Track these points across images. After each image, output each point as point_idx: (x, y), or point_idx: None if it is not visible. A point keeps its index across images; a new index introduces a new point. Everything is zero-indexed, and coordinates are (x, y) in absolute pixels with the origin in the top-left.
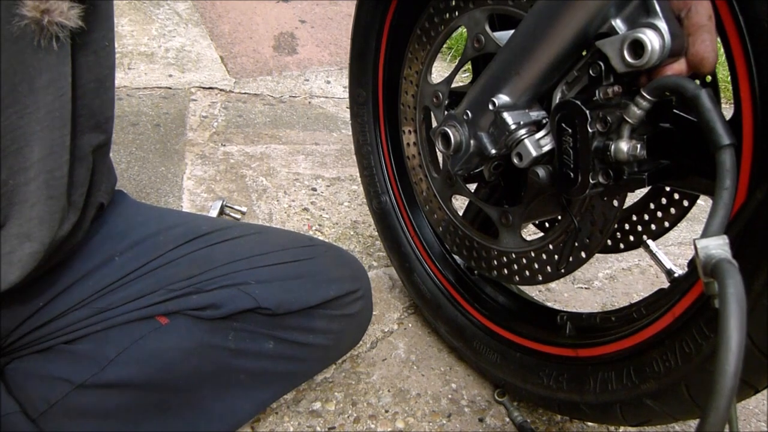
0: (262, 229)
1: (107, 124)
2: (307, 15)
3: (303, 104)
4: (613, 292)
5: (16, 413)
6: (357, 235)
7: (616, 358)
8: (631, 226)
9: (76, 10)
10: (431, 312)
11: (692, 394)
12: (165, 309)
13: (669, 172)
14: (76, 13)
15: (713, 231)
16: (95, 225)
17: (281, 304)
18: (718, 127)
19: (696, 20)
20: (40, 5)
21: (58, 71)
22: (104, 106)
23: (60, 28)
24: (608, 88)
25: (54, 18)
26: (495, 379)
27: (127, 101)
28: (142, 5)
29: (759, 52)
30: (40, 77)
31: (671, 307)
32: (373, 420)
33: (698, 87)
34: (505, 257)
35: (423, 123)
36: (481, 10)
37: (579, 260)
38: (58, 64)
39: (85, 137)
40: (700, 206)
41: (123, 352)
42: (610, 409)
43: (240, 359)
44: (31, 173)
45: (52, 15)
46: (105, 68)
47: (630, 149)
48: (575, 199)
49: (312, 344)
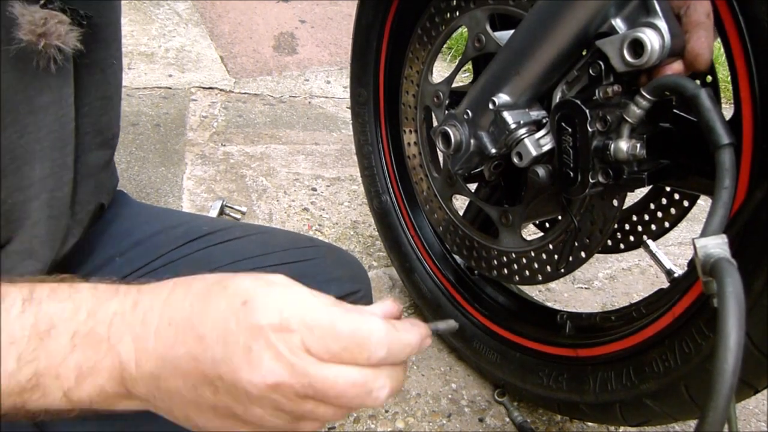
0: (262, 229)
1: (114, 140)
2: (307, 15)
3: (303, 104)
4: (613, 292)
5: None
6: (357, 235)
7: (616, 358)
8: (631, 226)
9: (75, 33)
10: (431, 312)
11: (692, 394)
12: None
13: (669, 171)
14: (75, 36)
15: (712, 230)
16: (96, 225)
17: None
18: (718, 127)
19: (694, 18)
20: (36, 29)
21: (59, 92)
22: (111, 123)
23: (57, 51)
24: (608, 88)
25: (51, 41)
26: (495, 379)
27: (127, 101)
28: (142, 5)
29: (759, 52)
30: (39, 98)
31: (671, 307)
32: (373, 420)
33: (698, 86)
34: (505, 257)
35: (424, 122)
36: (482, 10)
37: (579, 260)
38: (59, 85)
39: (92, 155)
40: (700, 206)
41: None
42: (609, 409)
43: None
44: (31, 192)
45: (49, 38)
46: (112, 86)
47: (630, 149)
48: (575, 199)
49: None
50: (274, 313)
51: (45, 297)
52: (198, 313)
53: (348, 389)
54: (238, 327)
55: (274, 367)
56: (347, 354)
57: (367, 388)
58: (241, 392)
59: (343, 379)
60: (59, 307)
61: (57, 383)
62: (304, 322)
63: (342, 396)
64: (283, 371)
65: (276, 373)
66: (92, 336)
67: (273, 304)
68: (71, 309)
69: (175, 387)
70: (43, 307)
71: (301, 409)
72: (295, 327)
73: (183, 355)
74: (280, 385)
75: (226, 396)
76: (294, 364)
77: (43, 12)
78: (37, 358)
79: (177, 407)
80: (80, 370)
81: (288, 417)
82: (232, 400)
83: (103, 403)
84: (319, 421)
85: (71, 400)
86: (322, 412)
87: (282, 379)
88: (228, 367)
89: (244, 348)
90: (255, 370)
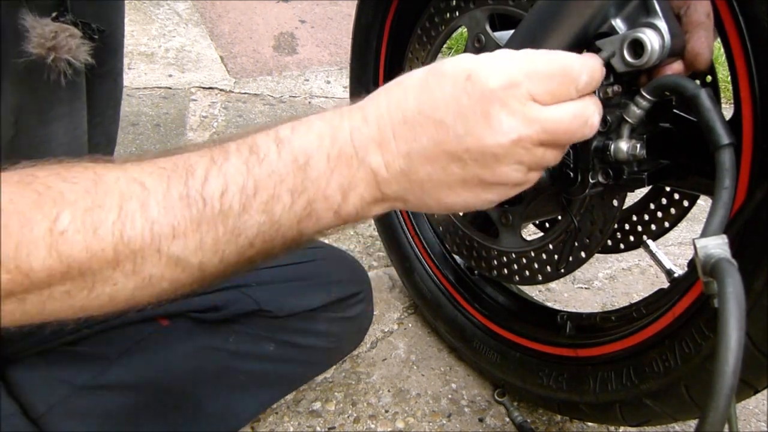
0: None
1: (113, 144)
2: (307, 15)
3: (303, 104)
4: (613, 292)
5: (17, 415)
6: (357, 235)
7: (616, 358)
8: (631, 226)
9: (86, 47)
10: (431, 312)
11: (692, 395)
12: (166, 311)
13: (669, 171)
14: (86, 50)
15: (712, 230)
16: None
17: (282, 307)
18: (718, 127)
19: (694, 18)
20: (45, 42)
21: (71, 105)
22: (117, 128)
23: (68, 65)
24: (608, 88)
25: (61, 55)
26: (495, 379)
27: (127, 101)
28: (142, 5)
29: (759, 52)
30: (51, 110)
31: (671, 307)
32: (373, 420)
33: (698, 86)
34: (505, 257)
35: None
36: (482, 10)
37: (579, 260)
38: (70, 98)
39: None
40: (700, 206)
41: (124, 353)
42: (609, 409)
43: (240, 361)
44: None
45: (59, 52)
46: (120, 92)
47: (630, 149)
48: (575, 199)
49: (313, 347)
50: (499, 75)
51: (289, 135)
52: (426, 102)
53: (571, 123)
54: (471, 99)
55: (513, 123)
56: (562, 89)
57: (584, 118)
58: (489, 156)
59: (566, 115)
60: (305, 141)
61: (326, 204)
62: (524, 73)
63: (567, 131)
64: (520, 125)
65: (515, 128)
66: (342, 156)
67: (493, 68)
68: (316, 139)
69: (425, 175)
70: (293, 144)
71: (535, 158)
72: (520, 79)
73: (427, 144)
74: (521, 138)
75: (474, 165)
76: (526, 115)
77: (54, 25)
78: (306, 187)
79: (428, 194)
80: (342, 188)
81: (525, 168)
82: (480, 167)
83: (364, 212)
84: (544, 167)
85: (340, 216)
86: (550, 155)
87: (521, 131)
88: (473, 138)
89: (482, 115)
90: (497, 131)
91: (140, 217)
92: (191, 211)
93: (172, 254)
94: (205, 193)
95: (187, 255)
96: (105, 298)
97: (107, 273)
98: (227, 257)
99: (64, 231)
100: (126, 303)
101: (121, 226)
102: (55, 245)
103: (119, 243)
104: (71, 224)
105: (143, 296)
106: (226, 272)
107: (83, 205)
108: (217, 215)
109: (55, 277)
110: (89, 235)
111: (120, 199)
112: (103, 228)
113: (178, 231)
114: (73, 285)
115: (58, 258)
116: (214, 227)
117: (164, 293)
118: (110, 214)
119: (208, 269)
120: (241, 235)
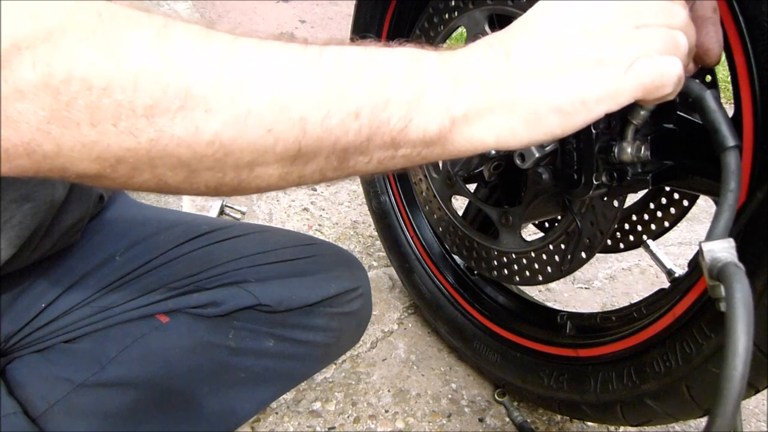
0: (262, 228)
1: None
2: (307, 15)
3: None
4: (613, 292)
5: (17, 413)
6: (357, 235)
7: (617, 358)
8: (631, 226)
9: None
10: (431, 312)
11: (693, 394)
12: (165, 307)
13: (673, 173)
14: None
15: (719, 233)
16: (96, 224)
17: (281, 302)
18: (724, 129)
19: (701, 13)
20: None
21: None
22: None
23: None
24: None
25: None
26: (495, 379)
27: None
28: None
29: (759, 52)
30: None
31: (672, 307)
32: (373, 420)
33: (703, 88)
34: (505, 257)
35: None
36: (481, 11)
37: (579, 260)
38: None
39: None
40: (700, 206)
41: (123, 350)
42: (610, 409)
43: (240, 357)
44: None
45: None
46: None
47: (634, 150)
48: (576, 200)
49: (312, 342)
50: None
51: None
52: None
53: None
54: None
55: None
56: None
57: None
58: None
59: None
60: (411, 50)
61: (436, 96)
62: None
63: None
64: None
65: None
66: (450, 58)
67: None
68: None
69: (541, 60)
70: (404, 50)
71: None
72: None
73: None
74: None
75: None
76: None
77: None
78: (419, 71)
79: (552, 79)
80: (453, 79)
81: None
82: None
83: (472, 117)
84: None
85: (449, 113)
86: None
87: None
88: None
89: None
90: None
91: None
92: (306, 55)
93: (275, 96)
94: (324, 51)
95: (288, 102)
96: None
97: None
98: (329, 121)
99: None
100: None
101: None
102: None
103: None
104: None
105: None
106: (321, 148)
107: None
108: (330, 67)
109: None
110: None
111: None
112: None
113: (288, 74)
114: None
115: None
116: (324, 77)
117: (261, 140)
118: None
119: (309, 127)
120: (348, 99)
